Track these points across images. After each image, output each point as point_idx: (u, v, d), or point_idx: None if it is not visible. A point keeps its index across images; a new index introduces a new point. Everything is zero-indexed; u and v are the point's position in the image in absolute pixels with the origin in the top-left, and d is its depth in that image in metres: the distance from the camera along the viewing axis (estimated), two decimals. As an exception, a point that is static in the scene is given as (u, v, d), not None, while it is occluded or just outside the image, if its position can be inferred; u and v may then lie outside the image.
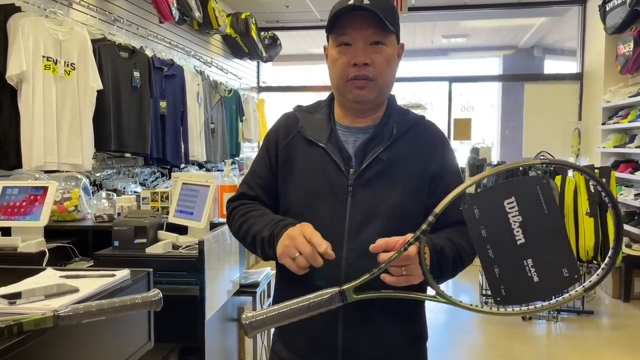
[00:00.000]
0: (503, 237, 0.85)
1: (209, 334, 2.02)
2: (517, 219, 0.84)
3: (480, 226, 0.86)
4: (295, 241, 1.02)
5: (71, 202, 2.47)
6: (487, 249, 0.86)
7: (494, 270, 0.86)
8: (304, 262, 1.01)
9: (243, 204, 1.27)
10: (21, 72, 2.77)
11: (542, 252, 0.84)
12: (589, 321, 4.25)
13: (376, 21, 1.12)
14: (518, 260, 0.84)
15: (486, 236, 0.86)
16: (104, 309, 0.97)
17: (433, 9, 6.84)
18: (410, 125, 1.23)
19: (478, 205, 0.87)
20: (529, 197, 0.84)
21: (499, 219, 0.85)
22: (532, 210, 0.84)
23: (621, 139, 5.38)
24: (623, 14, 4.95)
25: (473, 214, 0.87)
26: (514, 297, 0.86)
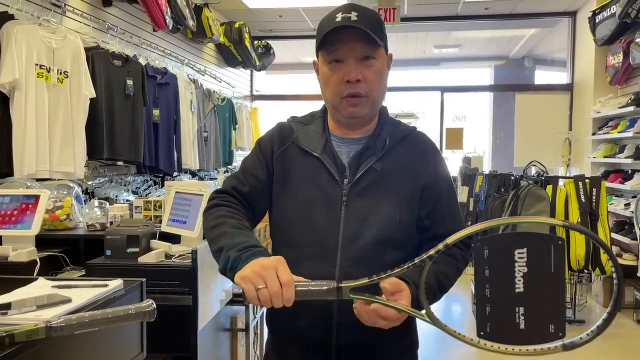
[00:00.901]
0: (504, 281, 0.88)
1: (202, 344, 2.01)
2: (523, 269, 0.87)
3: (485, 266, 0.89)
4: (267, 273, 0.95)
5: (63, 211, 2.46)
6: (485, 288, 0.89)
7: (486, 308, 0.90)
8: (266, 297, 0.94)
9: (227, 204, 1.21)
10: (14, 80, 2.76)
11: (536, 305, 0.87)
12: (580, 330, 4.24)
13: (365, 37, 1.14)
14: (511, 306, 0.88)
15: (488, 276, 0.89)
16: (97, 319, 0.97)
17: (425, 20, 6.90)
18: (403, 136, 1.26)
19: (489, 246, 0.89)
20: (541, 253, 0.87)
21: (505, 265, 0.88)
22: (539, 265, 0.87)
23: (611, 149, 5.43)
24: (612, 26, 5.02)
25: (482, 253, 0.89)
26: (496, 336, 0.89)
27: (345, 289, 0.95)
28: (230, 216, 1.16)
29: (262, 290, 0.94)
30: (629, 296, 4.71)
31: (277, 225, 1.26)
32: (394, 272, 0.96)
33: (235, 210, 1.19)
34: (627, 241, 4.76)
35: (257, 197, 1.25)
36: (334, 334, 1.18)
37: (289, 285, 0.94)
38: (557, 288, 0.88)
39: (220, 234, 1.11)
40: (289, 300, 0.95)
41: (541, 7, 6.44)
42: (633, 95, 4.94)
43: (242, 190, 1.24)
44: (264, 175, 1.25)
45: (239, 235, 1.10)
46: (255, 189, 1.25)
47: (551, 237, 0.87)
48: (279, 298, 0.94)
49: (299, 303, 1.20)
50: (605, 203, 4.13)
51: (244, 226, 1.15)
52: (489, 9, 6.48)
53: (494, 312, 0.89)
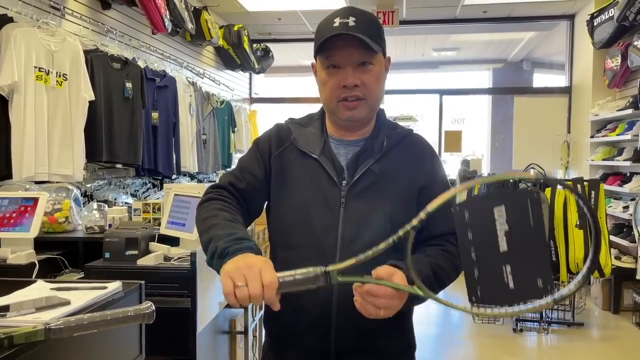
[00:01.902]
0: (487, 242, 0.88)
1: (201, 347, 2.01)
2: (504, 227, 0.87)
3: (468, 229, 0.90)
4: (250, 271, 0.93)
5: (62, 213, 2.46)
6: (471, 251, 0.90)
7: (474, 272, 0.90)
8: (244, 295, 0.92)
9: (221, 198, 1.20)
10: (13, 83, 2.76)
11: (521, 262, 0.87)
12: (579, 333, 4.27)
13: (363, 44, 1.14)
14: (497, 266, 0.88)
15: (472, 239, 0.90)
16: (96, 322, 0.97)
17: (424, 23, 6.91)
18: (400, 139, 1.27)
19: (469, 209, 0.90)
20: (518, 209, 0.87)
21: (487, 225, 0.88)
22: (519, 221, 0.87)
23: (609, 151, 5.44)
24: (611, 29, 5.03)
25: (463, 217, 0.90)
26: (488, 299, 0.89)
27: (333, 272, 0.95)
28: (223, 209, 1.15)
29: (241, 288, 0.92)
30: (628, 299, 4.72)
31: (275, 227, 1.26)
32: (379, 249, 0.96)
33: (229, 205, 1.18)
34: (625, 244, 4.76)
35: (253, 195, 1.25)
36: (332, 336, 1.18)
37: (271, 287, 0.92)
38: (539, 241, 0.88)
39: (211, 226, 1.10)
40: (269, 300, 0.93)
41: (539, 11, 6.45)
42: (631, 98, 4.95)
43: (238, 187, 1.23)
44: (261, 174, 1.25)
45: (229, 227, 1.09)
46: (252, 186, 1.24)
47: (526, 191, 0.89)
48: (259, 299, 0.92)
49: (297, 304, 1.20)
50: (604, 206, 4.14)
51: (237, 220, 1.13)
52: (487, 12, 6.50)
53: (482, 275, 0.90)
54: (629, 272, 4.49)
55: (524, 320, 4.41)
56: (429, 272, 1.11)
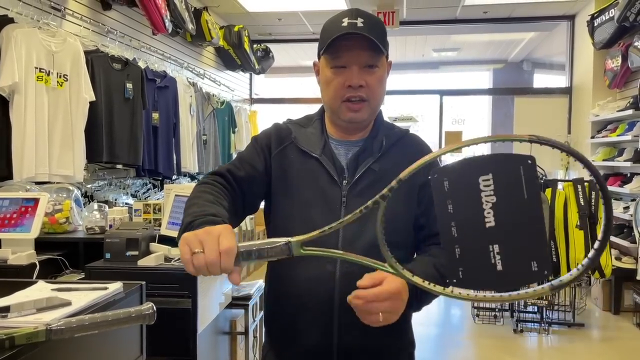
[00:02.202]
0: (471, 216, 0.75)
1: (201, 347, 2.01)
2: (491, 199, 0.74)
3: (447, 200, 0.77)
4: (207, 237, 0.89)
5: (62, 214, 2.46)
6: (451, 227, 0.77)
7: (455, 250, 0.77)
8: (200, 263, 0.87)
9: (213, 183, 1.18)
10: (13, 83, 2.76)
11: (512, 240, 0.74)
12: (580, 334, 4.27)
13: (371, 45, 1.15)
14: (483, 244, 0.75)
15: (452, 212, 0.77)
16: (97, 322, 0.97)
17: (424, 23, 6.91)
18: (398, 138, 1.28)
19: (449, 177, 0.77)
20: (509, 177, 0.74)
21: (470, 196, 0.75)
22: (510, 192, 0.73)
23: (610, 152, 5.44)
24: (611, 29, 5.04)
25: (442, 186, 0.77)
26: (471, 282, 0.77)
27: (295, 243, 0.88)
28: (208, 192, 1.13)
29: (197, 255, 0.87)
30: (629, 300, 4.72)
31: (275, 226, 1.26)
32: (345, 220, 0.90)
33: (218, 189, 1.16)
34: (626, 244, 4.76)
35: (251, 186, 1.23)
36: (334, 335, 1.18)
37: (228, 254, 0.87)
38: (534, 217, 0.74)
39: (190, 205, 1.08)
40: (226, 270, 0.88)
41: (540, 11, 6.45)
42: (632, 99, 4.95)
43: (237, 175, 1.22)
44: (261, 167, 1.24)
45: (205, 206, 1.06)
46: (251, 177, 1.23)
47: (518, 156, 0.74)
48: (215, 267, 0.87)
49: (298, 303, 1.20)
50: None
51: (219, 203, 1.10)
52: (487, 13, 6.50)
53: (464, 254, 0.76)
54: (630, 273, 4.49)
55: (524, 321, 4.41)
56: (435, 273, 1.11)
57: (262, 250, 0.89)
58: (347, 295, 1.06)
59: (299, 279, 1.19)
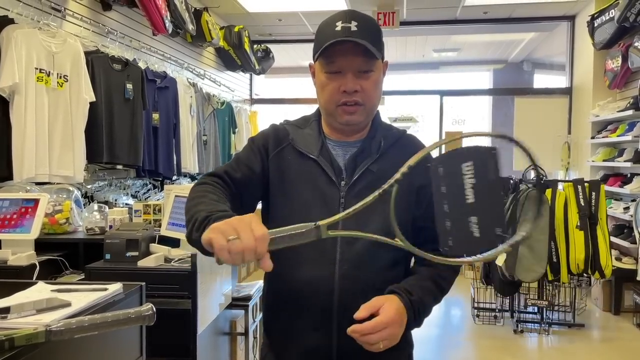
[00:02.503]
0: (457, 195, 0.94)
1: (201, 348, 2.01)
2: (471, 181, 0.93)
3: (442, 183, 0.97)
4: (241, 225, 0.90)
5: (62, 215, 2.46)
6: (444, 204, 0.96)
7: (446, 224, 0.96)
8: (237, 249, 0.87)
9: (213, 184, 1.18)
10: (13, 84, 2.76)
11: (484, 212, 0.93)
12: (580, 334, 4.27)
13: (365, 50, 1.15)
14: (465, 217, 0.94)
15: (445, 192, 0.96)
16: (97, 323, 0.97)
17: (424, 24, 6.90)
18: (396, 139, 1.28)
19: (443, 165, 0.98)
20: (482, 164, 0.93)
21: (457, 179, 0.94)
22: (482, 175, 0.93)
23: (610, 152, 5.44)
24: (611, 30, 5.04)
25: (437, 172, 0.98)
26: (458, 249, 0.95)
27: (323, 227, 0.97)
28: (212, 192, 1.13)
29: (234, 242, 0.87)
30: (629, 300, 4.72)
31: (273, 227, 1.26)
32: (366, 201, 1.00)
33: (219, 190, 1.16)
34: (626, 245, 4.76)
35: (248, 187, 1.23)
36: (334, 336, 1.18)
37: (263, 240, 0.89)
38: (496, 193, 0.95)
39: (196, 204, 1.08)
40: (260, 254, 0.89)
41: (540, 11, 6.45)
42: (632, 99, 4.94)
43: (234, 176, 1.22)
44: (258, 168, 1.24)
45: (214, 204, 1.06)
46: (248, 178, 1.23)
47: (487, 148, 0.95)
48: (252, 252, 0.88)
49: (298, 304, 1.20)
50: (605, 207, 4.14)
51: (223, 202, 1.10)
52: (487, 13, 6.50)
53: (453, 226, 0.96)
54: (630, 273, 4.49)
55: (524, 321, 4.40)
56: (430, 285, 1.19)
57: (293, 235, 0.95)
58: (346, 297, 1.06)
59: (298, 279, 1.19)
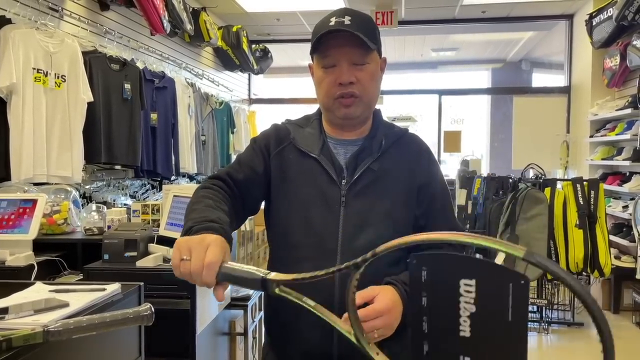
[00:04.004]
0: (445, 319, 0.66)
1: (200, 348, 2.00)
2: (470, 307, 0.64)
3: (423, 292, 0.68)
4: (197, 247, 0.90)
5: (60, 215, 2.45)
6: (423, 320, 0.69)
7: (422, 346, 0.69)
8: (185, 271, 0.89)
9: (213, 187, 1.18)
10: (11, 84, 2.76)
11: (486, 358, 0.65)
12: (580, 333, 4.27)
13: (358, 41, 1.16)
14: (453, 352, 0.67)
15: (426, 307, 0.68)
16: (95, 324, 0.96)
17: (423, 23, 6.90)
18: (397, 138, 1.28)
19: (429, 267, 0.68)
20: (495, 291, 0.62)
21: (448, 297, 0.66)
22: (492, 308, 0.63)
23: (609, 151, 5.44)
24: (609, 28, 5.03)
25: (420, 275, 0.68)
26: None
27: (272, 282, 0.82)
28: (208, 197, 1.14)
29: (184, 262, 0.89)
30: (628, 298, 4.72)
31: (275, 226, 1.26)
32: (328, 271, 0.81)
33: (218, 193, 1.16)
34: (625, 243, 4.76)
35: (251, 188, 1.23)
36: (335, 336, 1.18)
37: (210, 268, 0.87)
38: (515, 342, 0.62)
39: (191, 210, 1.09)
40: (207, 284, 0.89)
41: (538, 10, 6.45)
42: (630, 98, 4.95)
43: (236, 178, 1.22)
44: (260, 168, 1.25)
45: (206, 211, 1.06)
46: (251, 179, 1.23)
47: (511, 272, 0.61)
48: (198, 277, 0.88)
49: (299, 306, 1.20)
50: (604, 205, 4.14)
51: (219, 207, 1.10)
52: (486, 12, 6.49)
53: (432, 354, 0.69)
54: (629, 272, 4.49)
55: (524, 320, 4.40)
56: None
57: (240, 277, 0.87)
58: (347, 296, 1.05)
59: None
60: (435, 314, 0.67)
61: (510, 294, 0.61)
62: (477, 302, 0.63)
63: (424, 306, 0.68)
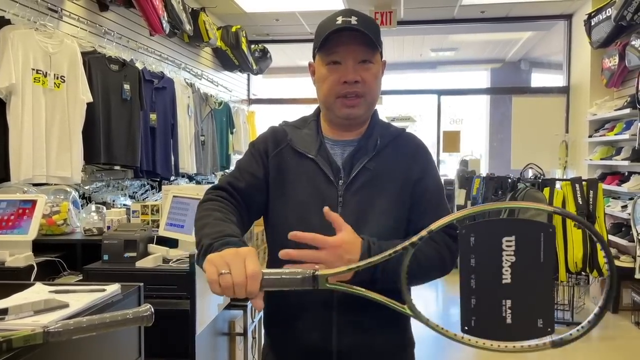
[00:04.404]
0: (490, 272, 0.83)
1: (200, 349, 2.00)
2: (511, 258, 0.83)
3: (471, 254, 0.85)
4: (235, 260, 0.92)
5: (60, 216, 2.45)
6: (471, 278, 0.85)
7: (471, 300, 0.85)
8: (227, 283, 0.90)
9: (217, 199, 1.20)
10: (10, 85, 2.76)
11: (524, 298, 0.83)
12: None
13: (365, 40, 1.17)
14: (497, 298, 0.84)
15: (474, 266, 0.84)
16: (95, 324, 0.96)
17: (422, 23, 6.91)
18: (393, 137, 1.29)
19: (476, 233, 0.85)
20: (530, 241, 0.82)
21: (492, 254, 0.83)
22: (528, 254, 0.82)
23: (607, 151, 5.45)
24: (608, 28, 5.04)
25: (468, 241, 0.85)
26: (481, 331, 0.84)
27: (321, 277, 0.90)
28: (216, 209, 1.15)
29: (224, 276, 0.90)
30: (627, 298, 4.72)
31: (273, 227, 1.27)
32: (373, 260, 0.92)
33: (224, 205, 1.18)
34: (624, 243, 4.77)
35: (253, 194, 1.24)
36: (334, 335, 1.18)
37: (254, 278, 0.90)
38: (546, 279, 0.83)
39: (203, 226, 1.10)
40: (252, 293, 0.91)
41: (537, 10, 6.46)
42: (629, 98, 4.95)
43: (238, 186, 1.23)
44: (260, 172, 1.25)
45: (219, 225, 1.08)
46: (252, 185, 1.24)
47: (541, 224, 0.83)
48: (242, 288, 0.90)
49: (297, 303, 1.20)
50: (602, 205, 4.14)
51: (229, 219, 1.12)
52: (485, 12, 6.50)
53: (479, 305, 0.84)
54: (628, 272, 4.49)
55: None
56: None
57: (287, 280, 0.91)
58: (345, 296, 1.05)
59: None
60: (482, 270, 0.84)
61: (541, 241, 0.82)
62: (516, 253, 0.82)
63: (472, 266, 0.84)
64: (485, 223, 0.85)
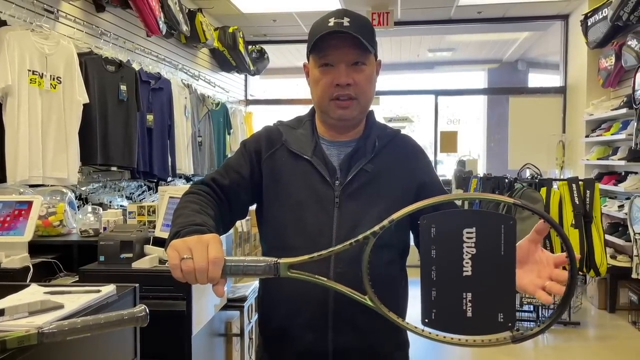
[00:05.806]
0: (451, 264, 0.82)
1: (196, 350, 2.00)
2: (471, 250, 0.82)
3: (432, 245, 0.83)
4: (197, 246, 0.90)
5: (56, 217, 2.45)
6: (432, 270, 0.83)
7: (431, 292, 0.84)
8: (189, 268, 0.88)
9: (198, 192, 1.19)
10: (6, 86, 2.75)
11: (484, 291, 0.82)
12: (576, 332, 4.28)
13: (357, 43, 1.16)
14: (458, 291, 0.82)
15: (434, 257, 0.83)
16: (90, 325, 0.96)
17: (419, 23, 6.92)
18: (390, 139, 1.29)
19: (437, 224, 0.83)
20: (490, 233, 0.81)
21: (453, 245, 0.82)
22: (489, 247, 0.81)
23: (604, 151, 5.46)
24: (604, 29, 5.05)
25: (429, 232, 0.83)
26: (442, 324, 0.83)
27: (283, 265, 0.89)
28: (194, 202, 1.14)
29: (186, 261, 0.88)
30: (624, 298, 4.73)
31: (269, 228, 1.26)
32: (335, 249, 0.93)
33: (204, 199, 1.17)
34: (621, 243, 4.78)
35: (237, 192, 1.23)
36: (329, 335, 1.18)
37: (216, 264, 0.88)
38: (507, 273, 0.82)
39: (177, 216, 1.09)
40: (213, 279, 0.89)
41: (534, 11, 6.47)
42: (625, 98, 4.96)
43: (221, 183, 1.22)
44: (247, 173, 1.24)
45: (192, 216, 1.07)
46: (236, 184, 1.23)
47: (502, 216, 0.82)
48: (204, 274, 0.88)
49: (293, 304, 1.20)
50: (599, 205, 4.15)
51: (204, 212, 1.11)
52: (481, 13, 6.51)
53: (440, 298, 0.83)
54: (625, 271, 4.51)
55: (520, 320, 4.41)
56: None
57: (249, 267, 0.90)
58: (341, 296, 1.06)
59: (293, 281, 1.19)
60: (442, 262, 0.83)
61: (502, 233, 0.81)
62: (477, 245, 0.81)
63: (433, 258, 0.83)
64: (448, 214, 0.85)
